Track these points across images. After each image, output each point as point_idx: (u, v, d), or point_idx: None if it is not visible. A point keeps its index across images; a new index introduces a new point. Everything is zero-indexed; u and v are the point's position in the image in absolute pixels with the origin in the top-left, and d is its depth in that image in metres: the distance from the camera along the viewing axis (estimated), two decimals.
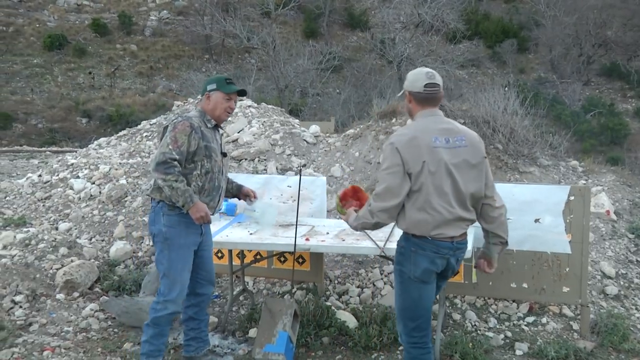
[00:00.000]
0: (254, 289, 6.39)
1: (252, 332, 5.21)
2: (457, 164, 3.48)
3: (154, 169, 4.01)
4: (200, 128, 4.16)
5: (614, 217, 7.40)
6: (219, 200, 4.39)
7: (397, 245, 3.69)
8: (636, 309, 5.95)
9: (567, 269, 5.22)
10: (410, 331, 3.68)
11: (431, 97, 3.59)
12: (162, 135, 4.23)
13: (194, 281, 4.38)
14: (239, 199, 4.98)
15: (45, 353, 4.82)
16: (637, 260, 6.74)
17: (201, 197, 4.16)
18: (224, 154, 4.40)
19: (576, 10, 36.67)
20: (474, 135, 3.65)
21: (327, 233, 5.24)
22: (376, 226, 3.60)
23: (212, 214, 4.30)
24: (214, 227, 4.89)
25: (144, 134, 10.43)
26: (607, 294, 6.09)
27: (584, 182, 8.62)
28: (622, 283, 6.32)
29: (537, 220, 5.18)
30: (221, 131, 4.48)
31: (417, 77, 3.62)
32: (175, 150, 4.01)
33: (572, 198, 5.19)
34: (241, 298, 6.04)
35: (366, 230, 4.38)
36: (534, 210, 5.20)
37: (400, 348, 4.97)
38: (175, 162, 4.00)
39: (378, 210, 3.49)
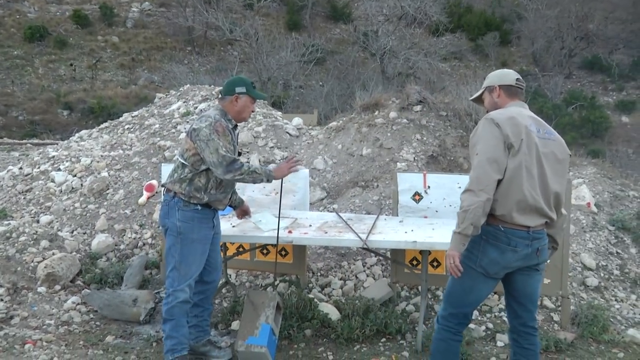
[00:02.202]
0: (237, 281, 6.39)
1: (235, 325, 5.22)
2: (547, 154, 3.45)
3: (226, 171, 4.15)
4: (229, 127, 4.31)
5: (594, 209, 7.47)
6: (231, 197, 4.67)
7: None
8: (616, 300, 6.03)
9: (548, 261, 5.26)
10: (448, 315, 3.66)
11: (521, 90, 3.69)
12: (191, 137, 4.26)
13: (203, 269, 4.46)
14: (233, 209, 5.04)
15: (26, 346, 4.79)
16: (617, 252, 6.82)
17: (217, 193, 4.33)
18: (239, 153, 4.48)
19: (558, 3, 36.92)
20: (558, 135, 3.65)
21: (310, 225, 5.24)
22: (486, 207, 3.31)
23: (222, 209, 4.58)
24: None
25: (126, 126, 10.36)
26: (588, 286, 6.15)
27: None
28: (602, 275, 6.39)
29: None
30: (237, 130, 4.57)
31: (506, 73, 3.73)
32: (228, 151, 4.19)
33: None
34: (224, 290, 6.03)
35: (350, 225, 4.33)
36: None
37: (383, 340, 5.00)
38: (237, 159, 4.23)
39: (484, 186, 3.30)
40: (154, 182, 7.67)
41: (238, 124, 4.58)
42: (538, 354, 3.75)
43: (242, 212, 5.05)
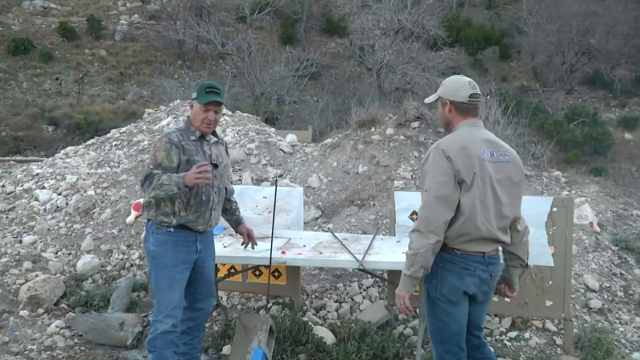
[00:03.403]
0: (228, 304, 6.36)
1: (226, 349, 5.19)
2: (501, 180, 3.44)
3: (143, 189, 4.04)
4: (180, 142, 4.12)
5: (597, 229, 7.49)
6: (210, 216, 4.27)
7: None
8: (620, 323, 6.03)
9: (550, 282, 5.27)
10: (443, 353, 3.62)
11: (474, 107, 3.56)
12: None
13: (192, 296, 4.37)
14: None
15: None
16: (620, 273, 6.83)
17: (188, 214, 4.14)
18: (215, 165, 4.24)
19: (559, 17, 37.17)
20: (514, 152, 3.60)
21: (304, 246, 5.24)
22: (435, 249, 3.32)
23: (205, 231, 4.30)
24: None
25: (114, 143, 10.36)
26: (591, 308, 6.16)
27: (567, 193, 8.72)
28: (605, 296, 6.40)
29: None
30: (212, 139, 4.35)
31: (460, 85, 3.57)
32: (155, 167, 4.03)
33: (555, 209, 5.25)
34: (214, 313, 6.01)
35: (346, 245, 4.33)
36: None
37: None
38: (157, 171, 4.00)
39: (434, 227, 3.28)
40: (142, 200, 7.65)
41: (217, 137, 4.42)
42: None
43: (240, 233, 4.78)
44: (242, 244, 4.80)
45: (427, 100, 3.80)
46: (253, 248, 4.76)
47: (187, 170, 4.00)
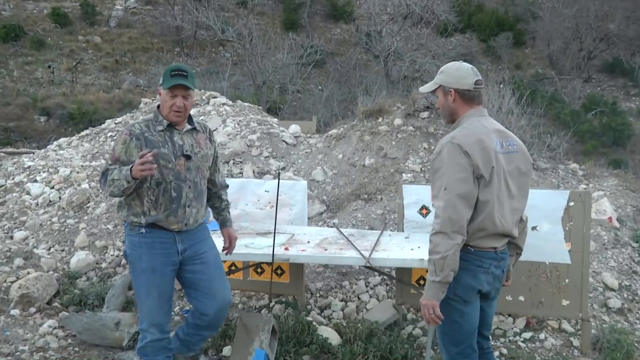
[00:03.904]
0: None
1: (227, 350, 5.19)
2: (512, 171, 3.45)
3: (100, 187, 3.94)
4: (144, 134, 3.96)
5: (616, 224, 7.47)
6: (184, 213, 4.03)
7: None
8: None
9: (567, 281, 5.26)
10: (454, 356, 3.60)
11: (479, 94, 3.55)
12: None
13: (193, 300, 4.24)
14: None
15: None
16: None
17: (159, 214, 3.95)
18: (187, 156, 4.03)
19: (576, 1, 36.97)
20: (519, 140, 3.61)
21: (308, 242, 5.24)
22: (457, 251, 3.28)
23: (182, 230, 4.06)
24: None
25: (109, 134, 10.37)
26: (610, 308, 6.14)
27: (585, 186, 8.69)
28: (625, 295, 6.38)
29: (534, 228, 5.21)
30: (186, 127, 4.11)
31: (464, 72, 3.53)
32: (112, 162, 3.92)
33: (571, 204, 5.24)
34: None
35: (352, 242, 4.31)
36: (531, 217, 5.22)
37: None
38: (113, 166, 3.87)
39: (459, 227, 3.24)
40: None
41: (196, 125, 4.18)
42: None
43: (227, 236, 4.58)
44: (223, 250, 4.57)
45: (424, 89, 3.73)
46: (227, 255, 4.58)
47: (154, 164, 3.75)
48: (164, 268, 4.02)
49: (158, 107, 4.10)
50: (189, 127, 4.13)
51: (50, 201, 7.99)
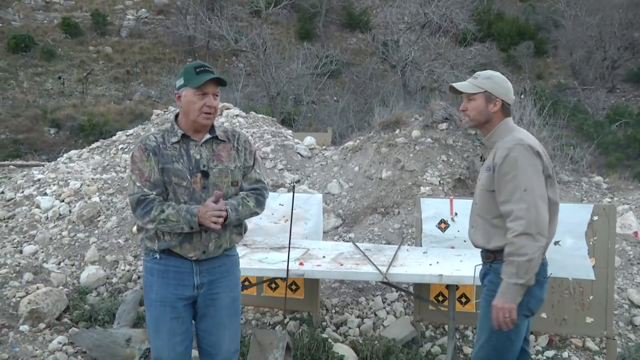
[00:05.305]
0: (242, 319, 6.37)
1: None
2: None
3: (135, 216, 3.52)
4: (158, 148, 3.55)
5: None
6: (200, 239, 3.55)
7: (489, 275, 3.52)
8: None
9: (591, 297, 5.23)
10: None
11: None
12: None
13: (199, 344, 3.78)
14: None
15: None
16: None
17: (172, 240, 3.51)
18: (204, 173, 3.57)
19: (599, 9, 36.87)
20: None
21: (324, 257, 5.24)
22: (542, 254, 3.31)
23: (202, 259, 3.58)
24: None
25: (120, 146, 10.44)
26: (636, 325, 6.09)
27: (609, 200, 8.65)
28: None
29: (557, 243, 5.18)
30: (205, 137, 3.64)
31: (510, 86, 3.65)
32: (145, 185, 3.49)
33: (595, 218, 5.21)
34: None
35: (368, 256, 4.29)
36: None
37: None
38: (151, 195, 3.46)
39: (542, 229, 3.25)
40: None
41: (210, 134, 3.67)
42: None
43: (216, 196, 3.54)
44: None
45: (463, 88, 3.66)
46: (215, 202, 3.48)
47: (165, 180, 3.51)
48: (176, 302, 3.57)
49: (176, 116, 3.73)
50: (209, 136, 3.65)
51: (60, 215, 8.04)
